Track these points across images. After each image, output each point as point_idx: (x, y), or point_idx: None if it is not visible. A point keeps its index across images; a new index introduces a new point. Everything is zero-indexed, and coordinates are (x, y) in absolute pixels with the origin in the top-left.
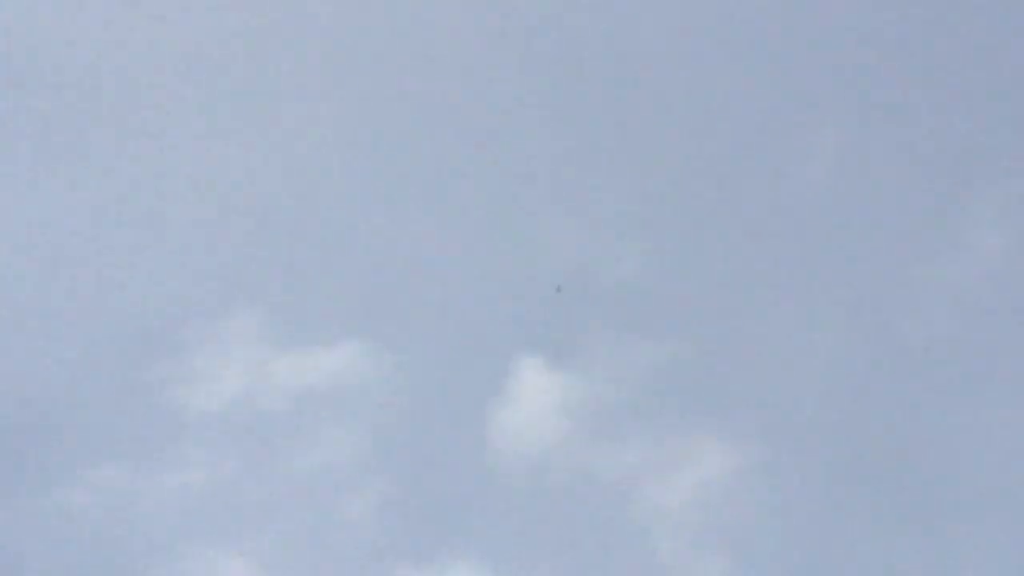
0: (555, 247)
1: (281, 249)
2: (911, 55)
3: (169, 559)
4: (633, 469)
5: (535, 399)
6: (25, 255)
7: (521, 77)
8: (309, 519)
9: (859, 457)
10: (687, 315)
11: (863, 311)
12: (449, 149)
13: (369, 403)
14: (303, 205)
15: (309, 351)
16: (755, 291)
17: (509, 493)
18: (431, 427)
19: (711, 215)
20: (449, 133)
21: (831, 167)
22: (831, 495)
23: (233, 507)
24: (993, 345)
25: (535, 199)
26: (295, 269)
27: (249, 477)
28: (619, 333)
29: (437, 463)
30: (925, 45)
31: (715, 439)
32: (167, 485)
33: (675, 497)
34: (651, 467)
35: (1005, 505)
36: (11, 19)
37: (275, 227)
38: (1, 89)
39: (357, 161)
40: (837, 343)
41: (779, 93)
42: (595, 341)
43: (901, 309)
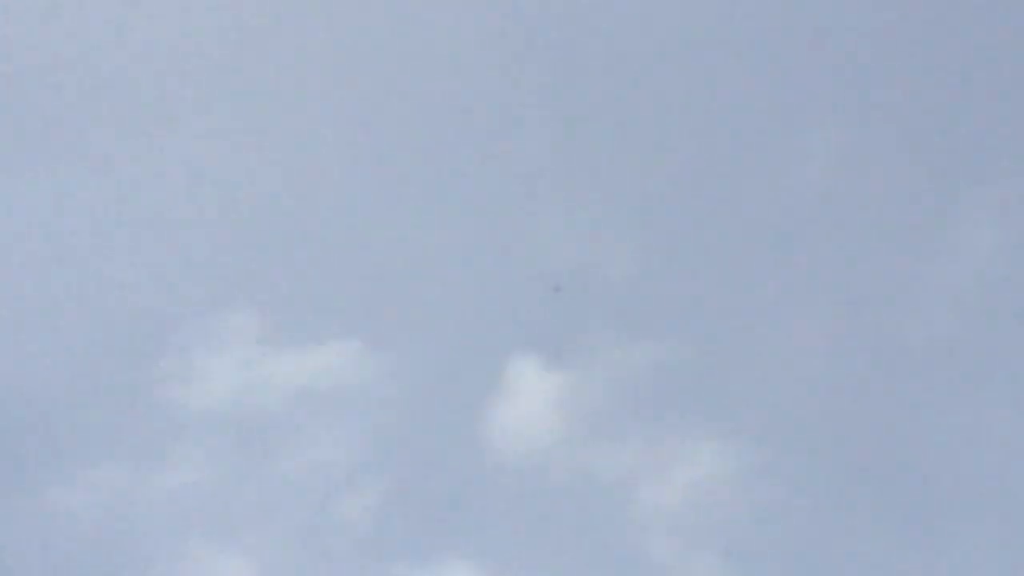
0: (553, 247)
1: (278, 248)
2: (909, 55)
3: (166, 558)
4: (631, 469)
5: (533, 398)
6: (20, 253)
7: (517, 76)
8: (307, 518)
9: (858, 457)
10: (685, 315)
11: (862, 311)
12: (448, 148)
13: (367, 402)
14: (300, 204)
15: (306, 350)
16: (753, 291)
17: (506, 492)
18: (429, 426)
19: (709, 215)
20: (448, 133)
21: (830, 167)
22: (830, 495)
23: (231, 506)
24: (992, 345)
25: (533, 199)
26: (292, 268)
27: (247, 476)
28: (617, 333)
29: (435, 462)
30: (923, 45)
31: (713, 439)
32: (164, 484)
33: (673, 497)
34: (649, 467)
35: (1004, 505)
36: (11, 19)
37: (272, 226)
38: (1, 89)
39: (354, 160)
40: (835, 343)
41: (778, 93)
42: (593, 341)
43: (900, 309)
